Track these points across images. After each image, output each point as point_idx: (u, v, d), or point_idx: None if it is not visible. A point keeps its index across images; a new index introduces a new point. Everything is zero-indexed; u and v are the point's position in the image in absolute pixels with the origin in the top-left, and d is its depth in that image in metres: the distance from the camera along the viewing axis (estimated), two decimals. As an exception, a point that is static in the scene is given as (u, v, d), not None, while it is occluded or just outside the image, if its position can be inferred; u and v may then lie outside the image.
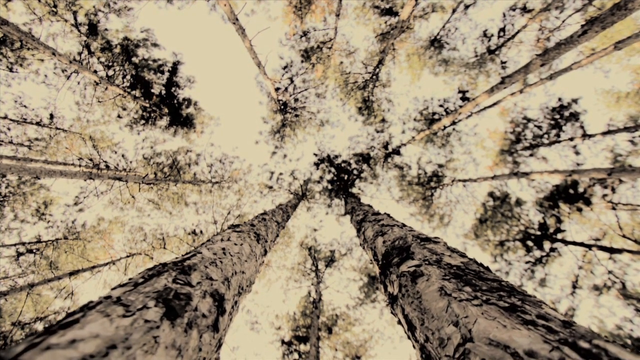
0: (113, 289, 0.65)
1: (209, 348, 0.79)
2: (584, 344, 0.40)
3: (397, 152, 11.46)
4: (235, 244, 1.65)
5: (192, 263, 0.96)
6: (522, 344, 0.44)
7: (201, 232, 10.37)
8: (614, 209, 7.92)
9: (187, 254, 1.12)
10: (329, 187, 10.95)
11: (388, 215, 3.19)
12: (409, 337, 1.13)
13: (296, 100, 11.46)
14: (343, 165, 11.03)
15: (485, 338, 0.53)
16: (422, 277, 1.09)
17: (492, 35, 11.15)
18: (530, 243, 8.45)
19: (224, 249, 1.40)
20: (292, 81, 10.87)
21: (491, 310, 0.62)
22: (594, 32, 3.54)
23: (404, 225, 2.39)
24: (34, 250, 10.09)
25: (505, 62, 10.71)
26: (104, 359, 0.39)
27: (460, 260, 1.09)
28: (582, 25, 3.65)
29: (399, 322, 1.29)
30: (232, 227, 2.09)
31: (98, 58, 10.67)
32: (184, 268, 0.85)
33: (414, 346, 1.08)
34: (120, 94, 10.70)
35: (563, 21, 9.47)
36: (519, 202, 9.89)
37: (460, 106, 9.41)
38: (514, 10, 10.23)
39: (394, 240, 1.78)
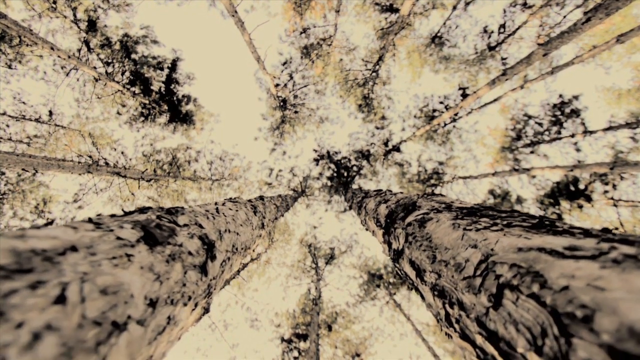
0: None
1: (195, 288, 0.75)
2: (632, 239, 0.36)
3: (397, 149, 11.42)
4: (230, 209, 1.61)
5: (181, 208, 0.92)
6: (559, 243, 0.40)
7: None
8: (615, 205, 7.88)
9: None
10: (329, 183, 10.91)
11: (390, 191, 3.13)
12: (416, 289, 1.08)
13: (295, 96, 11.43)
14: (343, 161, 10.98)
15: (513, 248, 0.48)
16: (431, 220, 1.04)
17: (492, 32, 11.11)
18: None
19: (217, 209, 1.36)
20: (291, 77, 10.84)
21: (514, 230, 0.57)
22: (598, 19, 3.50)
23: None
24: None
25: (505, 59, 10.67)
26: (61, 256, 0.36)
27: (473, 204, 1.03)
28: (586, 13, 3.61)
29: (405, 276, 1.24)
30: (228, 199, 2.06)
31: (97, 55, 10.65)
32: (170, 210, 0.81)
33: (423, 297, 1.03)
34: (119, 90, 10.68)
35: (564, 17, 9.43)
36: (519, 200, 9.86)
37: (462, 99, 9.37)
38: (514, 6, 10.18)
39: (397, 201, 1.74)
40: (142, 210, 0.70)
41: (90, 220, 0.51)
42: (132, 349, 0.41)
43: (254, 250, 2.19)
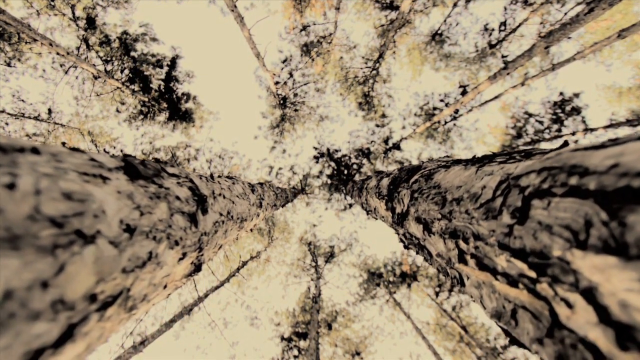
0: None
1: (183, 235, 0.69)
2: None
3: (397, 147, 11.38)
4: (226, 181, 1.55)
5: (170, 164, 0.86)
6: (594, 142, 0.35)
7: (200, 226, 10.25)
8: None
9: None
10: (329, 182, 10.86)
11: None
12: (421, 248, 1.02)
13: (295, 94, 11.39)
14: (343, 159, 10.93)
15: (537, 163, 0.43)
16: (439, 172, 0.98)
17: (493, 30, 11.08)
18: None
19: (211, 176, 1.30)
20: (291, 75, 10.80)
21: (535, 158, 0.51)
22: (601, 10, 3.45)
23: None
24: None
25: (506, 56, 10.63)
26: (18, 153, 0.30)
27: (483, 155, 0.97)
28: (588, 3, 3.57)
29: (410, 238, 1.18)
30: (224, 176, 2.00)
31: (97, 52, 10.61)
32: (157, 159, 0.75)
33: (429, 256, 0.96)
34: (118, 88, 10.64)
35: (565, 14, 9.40)
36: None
37: (462, 95, 9.32)
38: (515, 3, 10.15)
39: (401, 169, 1.69)
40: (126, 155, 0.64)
41: (63, 143, 0.46)
42: (100, 268, 0.35)
43: (251, 230, 2.14)
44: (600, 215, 0.27)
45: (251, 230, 2.09)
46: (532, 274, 0.37)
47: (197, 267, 0.86)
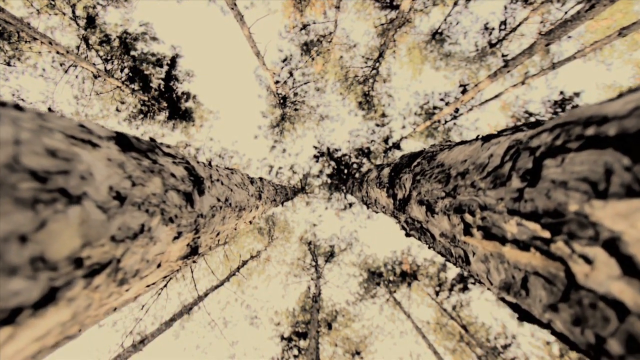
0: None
1: (178, 212, 0.67)
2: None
3: (397, 146, 11.36)
4: (225, 170, 1.53)
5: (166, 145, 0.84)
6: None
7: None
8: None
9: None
10: (329, 181, 10.84)
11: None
12: (424, 232, 0.99)
13: (295, 94, 11.38)
14: (343, 159, 10.92)
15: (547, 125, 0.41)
16: (441, 153, 0.95)
17: (493, 29, 11.07)
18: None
19: (209, 163, 1.28)
20: (291, 74, 10.79)
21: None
22: (602, 6, 3.44)
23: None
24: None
25: (506, 55, 10.62)
26: (2, 107, 0.28)
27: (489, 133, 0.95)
28: (589, 0, 3.55)
29: (412, 223, 1.16)
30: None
31: (97, 51, 10.60)
32: (152, 138, 0.73)
33: (431, 239, 0.94)
34: (118, 87, 10.64)
35: (565, 12, 9.40)
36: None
37: (462, 93, 9.30)
38: (515, 2, 10.14)
39: (402, 157, 1.67)
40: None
41: (49, 109, 0.44)
42: (87, 231, 0.33)
43: (251, 222, 2.12)
44: (622, 161, 0.25)
45: (250, 222, 2.07)
46: (546, 234, 0.35)
47: (193, 250, 0.83)
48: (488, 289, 0.67)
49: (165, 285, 9.01)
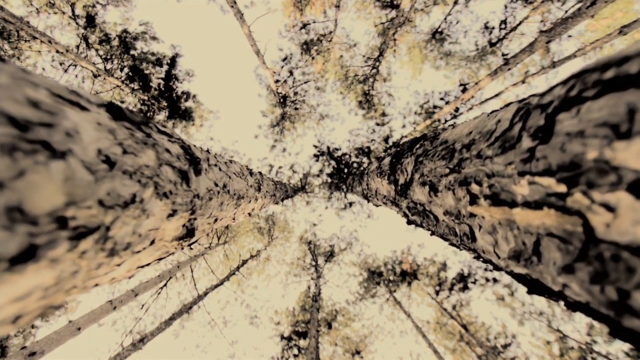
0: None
1: (172, 188, 0.65)
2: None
3: (397, 145, 11.34)
4: (223, 158, 1.51)
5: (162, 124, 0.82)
6: None
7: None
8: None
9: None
10: (329, 180, 10.82)
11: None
12: (427, 215, 0.97)
13: (296, 93, 11.36)
14: (343, 158, 10.90)
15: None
16: (444, 131, 0.94)
17: (493, 28, 11.06)
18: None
19: (207, 150, 1.26)
20: (291, 74, 10.78)
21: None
22: (604, 3, 3.42)
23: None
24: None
25: (506, 54, 10.61)
26: None
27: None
28: (590, -5, 3.54)
29: (414, 206, 1.14)
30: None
31: (96, 50, 10.59)
32: (147, 116, 0.71)
33: (435, 221, 0.92)
34: (118, 86, 10.63)
35: (566, 12, 9.38)
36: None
37: (462, 92, 9.29)
38: (515, 1, 10.13)
39: (403, 143, 1.64)
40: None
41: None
42: (71, 189, 0.31)
43: (249, 214, 2.10)
44: (648, 96, 0.23)
45: (249, 214, 2.05)
46: (562, 188, 0.33)
47: (189, 232, 0.81)
48: (495, 266, 0.64)
49: (165, 285, 8.99)
